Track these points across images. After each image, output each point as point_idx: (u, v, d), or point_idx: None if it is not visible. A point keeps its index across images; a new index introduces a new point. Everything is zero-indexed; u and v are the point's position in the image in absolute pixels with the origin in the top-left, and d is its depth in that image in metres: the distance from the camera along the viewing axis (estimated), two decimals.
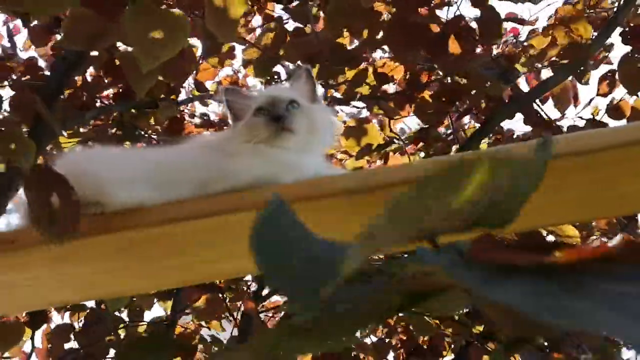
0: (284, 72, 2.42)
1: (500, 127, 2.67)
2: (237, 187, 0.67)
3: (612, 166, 0.62)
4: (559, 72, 2.26)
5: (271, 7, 2.66)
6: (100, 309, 3.03)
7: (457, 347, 2.70)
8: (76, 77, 2.48)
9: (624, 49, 2.26)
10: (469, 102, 2.48)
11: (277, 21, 2.39)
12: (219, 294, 2.72)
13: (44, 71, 2.44)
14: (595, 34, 2.28)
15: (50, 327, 3.11)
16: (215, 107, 3.42)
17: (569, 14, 1.95)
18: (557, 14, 1.99)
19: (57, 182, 0.56)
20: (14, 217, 0.72)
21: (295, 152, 0.76)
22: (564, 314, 0.21)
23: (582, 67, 2.25)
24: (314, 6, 2.18)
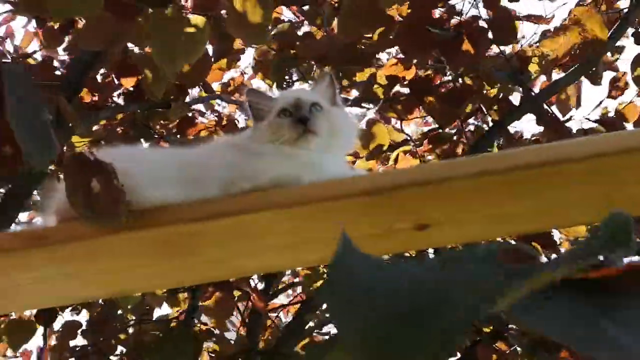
0: (295, 74, 2.44)
1: (506, 130, 2.65)
2: (260, 187, 0.69)
3: (620, 170, 0.63)
4: (571, 73, 2.26)
5: (279, 10, 2.69)
6: (110, 306, 3.06)
7: (464, 346, 2.69)
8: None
9: (635, 50, 2.26)
10: (478, 103, 2.49)
11: (288, 22, 2.41)
12: (232, 293, 2.74)
13: (55, 71, 2.48)
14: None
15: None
16: (220, 108, 3.47)
17: (583, 14, 1.94)
18: (570, 14, 1.98)
19: (97, 168, 0.58)
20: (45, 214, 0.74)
21: (317, 154, 0.78)
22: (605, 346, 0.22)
23: (594, 68, 2.24)
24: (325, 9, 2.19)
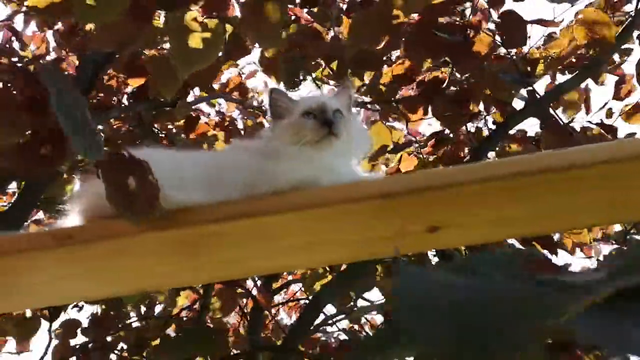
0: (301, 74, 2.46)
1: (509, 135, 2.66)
2: (280, 190, 0.71)
3: (626, 177, 0.65)
4: (575, 76, 2.27)
5: (291, 12, 2.70)
6: (114, 303, 3.09)
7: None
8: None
9: None
10: (482, 105, 2.50)
11: (295, 22, 2.42)
12: (236, 290, 2.76)
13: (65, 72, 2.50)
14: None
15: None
16: (220, 107, 3.50)
17: (591, 14, 1.94)
18: (578, 15, 1.98)
19: (133, 165, 0.61)
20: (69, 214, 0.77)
21: (334, 157, 0.80)
22: None
23: (599, 69, 2.25)
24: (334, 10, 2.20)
